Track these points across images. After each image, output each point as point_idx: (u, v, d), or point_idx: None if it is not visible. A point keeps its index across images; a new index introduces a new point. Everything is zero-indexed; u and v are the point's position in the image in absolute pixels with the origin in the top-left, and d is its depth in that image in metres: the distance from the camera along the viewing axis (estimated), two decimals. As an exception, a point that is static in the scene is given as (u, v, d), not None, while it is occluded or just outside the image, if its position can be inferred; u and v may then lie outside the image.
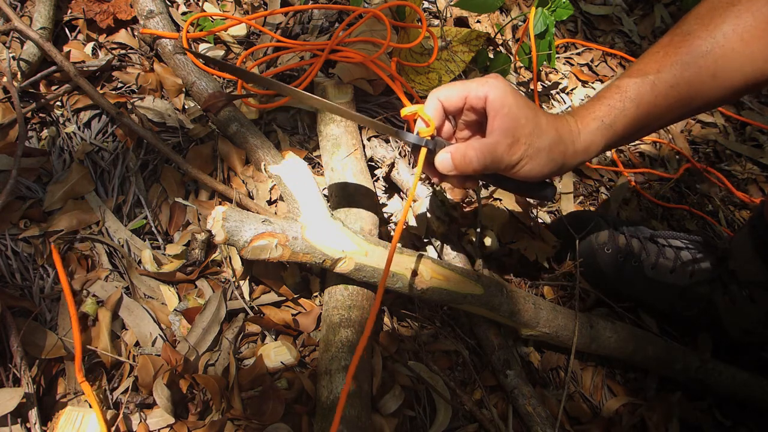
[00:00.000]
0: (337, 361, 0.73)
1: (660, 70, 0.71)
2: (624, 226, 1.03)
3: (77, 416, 0.68)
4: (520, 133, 0.66)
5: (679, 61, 0.71)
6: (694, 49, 0.70)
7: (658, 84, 0.71)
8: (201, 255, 0.83)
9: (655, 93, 0.71)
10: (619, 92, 0.72)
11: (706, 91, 0.72)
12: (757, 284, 0.97)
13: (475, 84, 0.67)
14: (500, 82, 0.67)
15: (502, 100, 0.66)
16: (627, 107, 0.71)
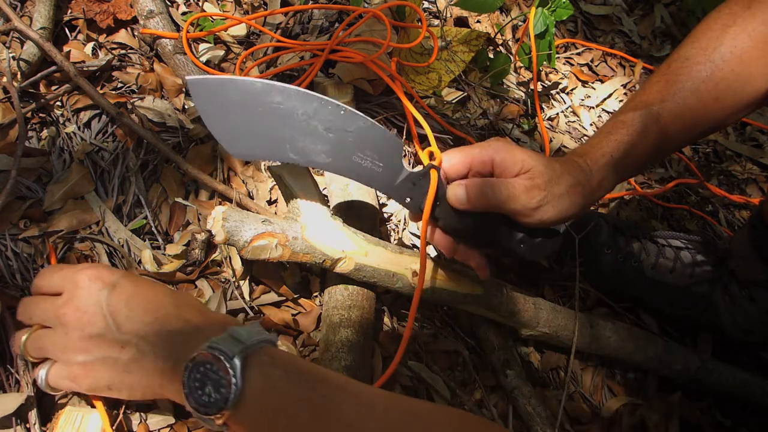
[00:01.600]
0: (337, 361, 0.73)
1: (663, 99, 0.71)
2: (624, 226, 1.03)
3: (77, 416, 0.68)
4: (538, 179, 0.65)
5: (681, 88, 0.71)
6: (695, 75, 0.71)
7: (662, 114, 0.71)
8: (201, 255, 0.83)
9: (660, 124, 0.71)
10: (625, 127, 0.71)
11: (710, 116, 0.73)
12: (756, 284, 0.97)
13: (478, 149, 0.66)
14: (504, 142, 0.67)
15: (513, 157, 0.65)
16: (635, 141, 0.70)
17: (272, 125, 0.63)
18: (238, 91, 0.62)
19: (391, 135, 0.67)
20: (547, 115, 1.28)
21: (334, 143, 0.64)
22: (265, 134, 0.63)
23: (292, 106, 0.63)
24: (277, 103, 0.62)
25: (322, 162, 0.65)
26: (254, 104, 0.62)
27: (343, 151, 0.65)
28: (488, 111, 1.19)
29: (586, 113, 1.34)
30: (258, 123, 0.63)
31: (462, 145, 1.09)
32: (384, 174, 0.66)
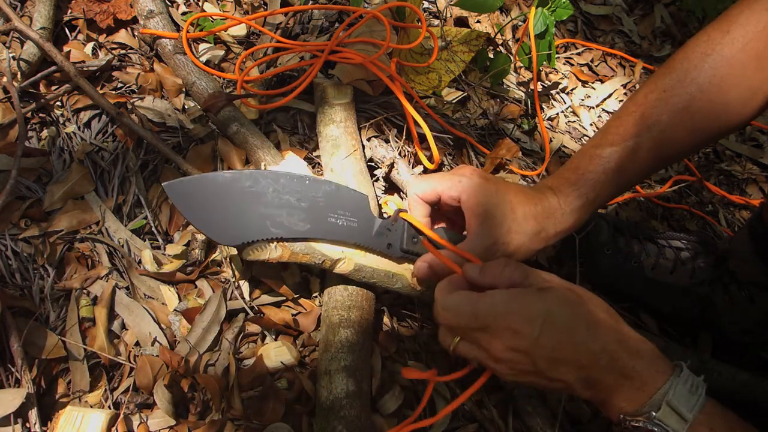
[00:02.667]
0: (336, 362, 0.73)
1: (639, 134, 0.71)
2: (624, 226, 1.03)
3: (77, 416, 0.68)
4: (497, 234, 0.66)
5: (658, 122, 0.71)
6: (671, 107, 0.71)
7: (638, 150, 0.71)
8: (201, 255, 0.83)
9: (636, 159, 0.71)
10: (601, 164, 0.71)
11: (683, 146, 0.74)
12: (756, 285, 0.97)
13: (449, 183, 0.69)
14: (473, 180, 0.67)
15: (477, 200, 0.66)
16: (610, 178, 0.71)
17: (249, 208, 0.68)
18: (211, 185, 0.68)
19: (354, 191, 0.73)
20: (547, 115, 1.28)
21: (307, 210, 0.70)
22: (244, 218, 0.68)
23: (262, 186, 0.69)
24: (247, 187, 0.68)
25: (303, 230, 0.70)
26: (227, 194, 0.68)
27: (318, 216, 0.70)
28: (488, 111, 1.19)
29: (586, 113, 1.34)
30: (235, 209, 0.68)
31: (462, 145, 1.09)
32: (360, 228, 0.72)
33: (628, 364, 0.57)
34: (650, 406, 0.56)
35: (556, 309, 0.58)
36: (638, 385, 0.57)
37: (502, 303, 0.58)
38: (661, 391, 0.56)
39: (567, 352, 0.58)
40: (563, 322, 0.57)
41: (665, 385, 0.56)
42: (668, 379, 0.57)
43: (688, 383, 0.57)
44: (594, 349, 0.57)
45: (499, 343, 0.59)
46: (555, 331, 0.57)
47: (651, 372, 0.57)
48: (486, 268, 0.62)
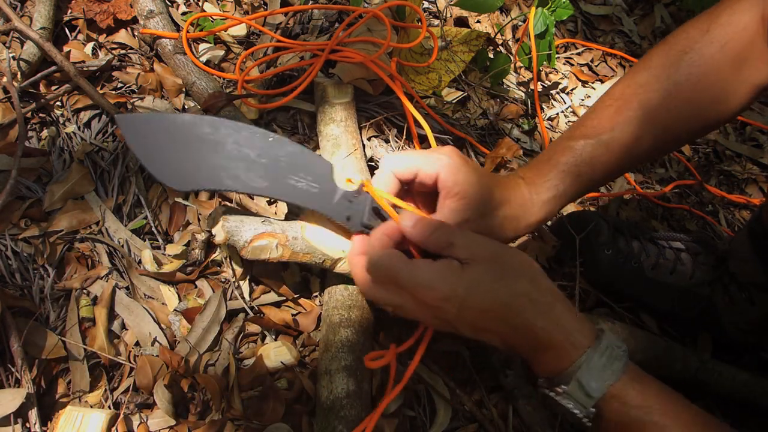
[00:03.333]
0: (337, 361, 0.73)
1: (614, 128, 0.70)
2: (624, 226, 1.03)
3: (77, 416, 0.68)
4: (471, 213, 0.65)
5: (632, 117, 0.70)
6: (646, 103, 0.70)
7: (611, 144, 0.70)
8: (201, 255, 0.83)
9: (609, 154, 0.71)
10: (573, 156, 0.71)
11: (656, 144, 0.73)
12: (756, 286, 0.97)
13: (427, 160, 0.65)
14: (453, 159, 0.65)
15: (454, 179, 0.64)
16: (582, 172, 0.70)
17: (205, 155, 0.65)
18: (167, 126, 0.64)
19: (320, 157, 0.70)
20: (547, 115, 1.28)
21: (267, 168, 0.66)
22: (198, 164, 0.65)
23: (222, 136, 0.65)
24: (206, 134, 0.65)
25: (259, 186, 0.67)
26: (184, 137, 0.64)
27: (277, 175, 0.67)
28: (488, 111, 1.19)
29: (586, 113, 1.34)
30: (190, 154, 0.65)
31: (462, 145, 1.09)
32: (320, 194, 0.68)
33: (545, 338, 0.60)
34: (563, 378, 0.60)
35: (476, 289, 0.60)
36: (554, 357, 0.60)
37: (423, 277, 0.60)
38: (575, 365, 0.59)
39: (487, 323, 0.62)
40: (482, 303, 0.60)
41: (579, 358, 0.59)
42: (583, 353, 0.59)
43: (604, 357, 0.59)
44: (515, 322, 0.61)
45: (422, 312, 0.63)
46: (474, 308, 0.60)
47: (567, 345, 0.60)
48: (419, 222, 0.63)
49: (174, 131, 0.64)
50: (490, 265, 0.62)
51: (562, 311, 0.62)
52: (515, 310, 0.61)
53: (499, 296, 0.60)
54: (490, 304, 0.60)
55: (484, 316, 0.61)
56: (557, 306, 0.62)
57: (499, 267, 0.62)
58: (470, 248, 0.62)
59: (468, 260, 0.61)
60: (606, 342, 0.60)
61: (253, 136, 0.66)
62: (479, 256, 0.62)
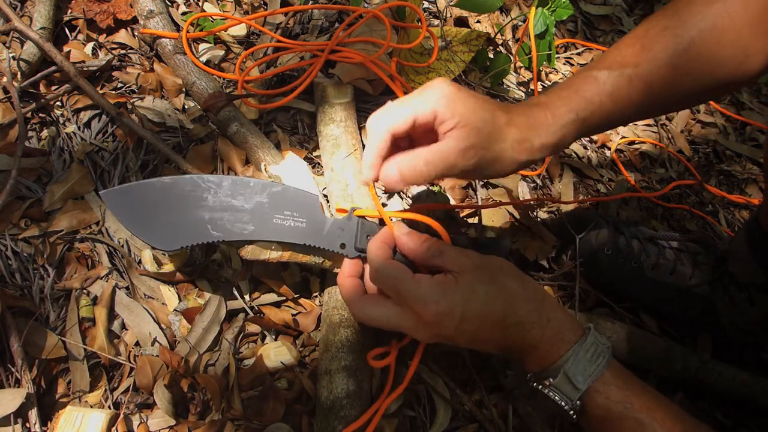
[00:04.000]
0: (337, 361, 0.73)
1: (638, 64, 0.69)
2: (624, 226, 1.03)
3: (77, 416, 0.68)
4: (474, 138, 0.61)
5: (656, 57, 0.69)
6: (671, 46, 0.69)
7: (634, 79, 0.69)
8: (201, 255, 0.83)
9: (631, 88, 0.69)
10: (596, 85, 0.68)
11: (678, 90, 0.71)
12: (756, 287, 0.97)
13: (420, 100, 0.60)
14: (445, 89, 0.61)
15: (452, 110, 0.60)
16: (604, 102, 0.68)
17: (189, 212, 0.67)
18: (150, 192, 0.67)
19: (304, 192, 0.70)
20: (547, 115, 1.28)
21: (252, 212, 0.68)
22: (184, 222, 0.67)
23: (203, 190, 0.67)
24: (188, 192, 0.67)
25: (246, 232, 0.68)
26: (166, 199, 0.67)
27: (262, 217, 0.68)
28: (488, 111, 1.19)
29: (586, 113, 1.34)
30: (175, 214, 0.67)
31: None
32: (309, 228, 0.69)
33: (537, 335, 0.62)
34: (551, 372, 0.62)
35: (473, 297, 0.62)
36: (544, 353, 0.63)
37: (425, 292, 0.62)
38: (562, 359, 0.61)
39: (485, 333, 0.63)
40: (480, 310, 0.62)
41: (567, 353, 0.61)
42: (571, 348, 0.61)
43: (590, 352, 0.61)
44: (509, 323, 0.63)
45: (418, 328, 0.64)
46: (473, 318, 0.62)
47: (556, 341, 0.62)
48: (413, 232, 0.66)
49: (156, 196, 0.67)
50: (480, 272, 0.64)
51: (551, 308, 0.64)
52: (511, 309, 0.63)
53: (494, 299, 0.63)
54: (487, 309, 0.62)
55: (483, 325, 0.63)
56: (546, 303, 0.65)
57: (488, 272, 0.64)
58: (458, 259, 0.64)
59: (458, 271, 0.63)
60: (592, 338, 0.62)
61: (233, 185, 0.68)
62: (467, 266, 0.64)
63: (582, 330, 0.64)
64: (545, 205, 1.11)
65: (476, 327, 0.63)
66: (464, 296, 0.62)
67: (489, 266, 0.65)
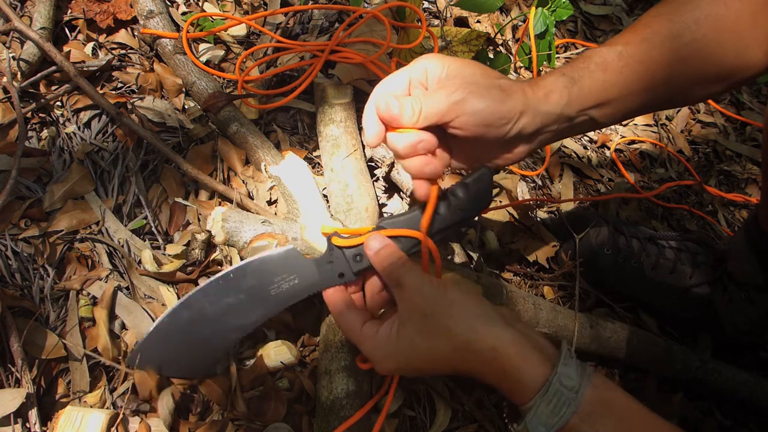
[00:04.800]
0: (337, 361, 0.73)
1: (628, 42, 0.68)
2: (624, 226, 1.03)
3: (77, 416, 0.68)
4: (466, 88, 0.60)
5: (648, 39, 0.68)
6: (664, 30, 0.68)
7: (624, 55, 0.67)
8: (201, 255, 0.83)
9: (622, 63, 0.67)
10: (583, 58, 0.68)
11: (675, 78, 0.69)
12: (755, 287, 0.97)
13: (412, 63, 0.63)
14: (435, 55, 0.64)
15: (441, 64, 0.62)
16: (592, 69, 0.66)
17: (202, 335, 0.70)
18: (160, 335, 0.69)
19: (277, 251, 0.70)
20: (547, 115, 1.28)
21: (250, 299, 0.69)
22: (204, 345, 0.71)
23: (197, 309, 0.68)
24: (185, 318, 0.69)
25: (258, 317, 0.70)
26: (176, 334, 0.69)
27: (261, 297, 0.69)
28: (488, 111, 1.19)
29: (586, 113, 1.34)
30: (190, 344, 0.70)
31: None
32: (304, 281, 0.69)
33: (493, 381, 0.61)
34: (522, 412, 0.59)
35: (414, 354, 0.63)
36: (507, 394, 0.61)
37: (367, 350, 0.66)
38: (525, 408, 0.58)
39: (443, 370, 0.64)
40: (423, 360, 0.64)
41: (528, 403, 0.58)
42: (531, 398, 0.58)
43: (552, 403, 0.57)
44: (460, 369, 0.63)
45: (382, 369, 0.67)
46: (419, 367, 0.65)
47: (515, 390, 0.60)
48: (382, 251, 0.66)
49: (167, 335, 0.69)
50: (425, 323, 0.62)
51: (507, 356, 0.60)
52: (457, 362, 0.62)
53: (437, 356, 0.63)
54: (431, 364, 0.64)
55: (433, 368, 0.64)
56: (501, 351, 0.60)
57: (434, 323, 0.62)
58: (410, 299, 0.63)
59: (404, 320, 0.64)
60: (555, 387, 0.58)
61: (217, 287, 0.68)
62: (415, 314, 0.63)
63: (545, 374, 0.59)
64: (545, 205, 1.11)
65: (431, 368, 0.65)
66: (406, 354, 0.63)
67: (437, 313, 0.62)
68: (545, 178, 1.16)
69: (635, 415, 0.58)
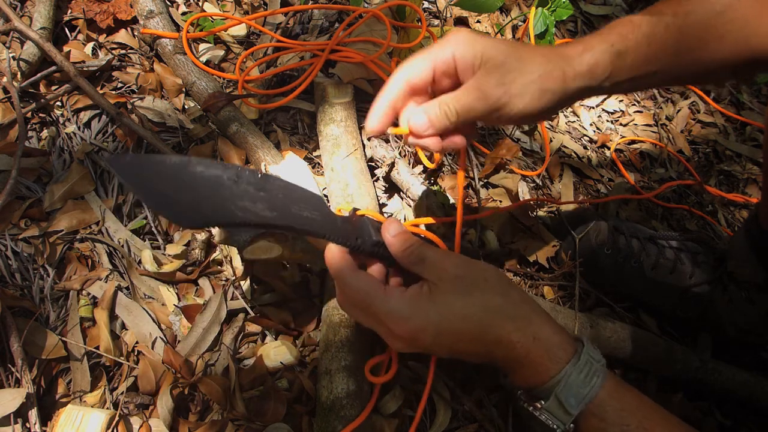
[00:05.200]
0: (337, 361, 0.73)
1: (675, 14, 0.66)
2: (624, 226, 1.03)
3: (77, 415, 0.68)
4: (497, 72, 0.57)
5: (693, 11, 0.66)
6: (709, 6, 0.66)
7: (671, 27, 0.65)
8: (201, 255, 0.83)
9: (667, 35, 0.65)
10: (632, 26, 0.64)
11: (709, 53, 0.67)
12: (755, 286, 0.97)
13: (437, 47, 0.58)
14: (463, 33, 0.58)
15: (473, 50, 0.57)
16: (639, 41, 0.64)
17: (207, 192, 0.63)
18: (159, 167, 0.62)
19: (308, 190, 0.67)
20: (547, 115, 1.28)
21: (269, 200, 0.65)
22: (204, 200, 0.63)
23: (215, 173, 0.63)
24: (200, 172, 0.63)
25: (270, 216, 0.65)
26: (179, 177, 0.62)
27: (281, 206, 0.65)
28: (488, 111, 1.19)
29: (586, 113, 1.34)
30: (192, 193, 0.63)
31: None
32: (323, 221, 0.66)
33: (521, 352, 0.58)
34: (541, 392, 0.58)
35: (448, 312, 0.58)
36: (532, 371, 0.58)
37: (396, 307, 0.59)
38: (553, 381, 0.57)
39: (464, 347, 0.60)
40: (456, 326, 0.59)
41: (558, 374, 0.57)
42: (562, 369, 0.57)
43: (583, 373, 0.57)
44: (489, 339, 0.59)
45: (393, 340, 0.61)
46: (448, 332, 0.59)
47: (545, 360, 0.58)
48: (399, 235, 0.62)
49: (168, 171, 0.62)
50: (458, 282, 0.60)
51: (540, 324, 0.60)
52: (489, 326, 0.59)
53: (471, 315, 0.59)
54: (464, 325, 0.59)
55: (460, 340, 0.59)
56: (534, 318, 0.60)
57: (468, 284, 0.60)
58: (438, 267, 0.61)
59: (436, 281, 0.60)
60: (585, 357, 0.58)
61: (244, 173, 0.65)
62: (446, 276, 0.60)
63: (574, 347, 0.59)
64: (545, 205, 1.11)
65: (454, 341, 0.59)
66: (438, 311, 0.58)
67: (470, 276, 0.61)
68: (545, 178, 1.16)
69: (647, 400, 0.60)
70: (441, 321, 0.58)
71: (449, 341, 0.59)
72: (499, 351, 0.59)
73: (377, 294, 0.59)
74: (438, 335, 0.59)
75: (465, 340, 0.59)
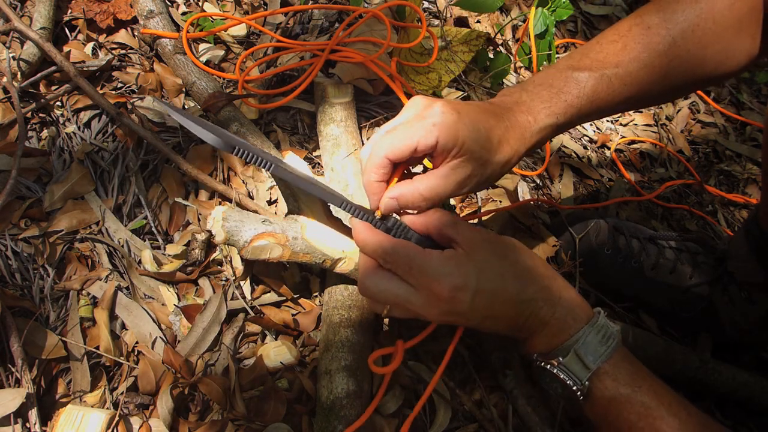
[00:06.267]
0: (337, 361, 0.73)
1: (618, 65, 0.69)
2: (624, 226, 1.03)
3: (77, 415, 0.68)
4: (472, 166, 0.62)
5: (637, 58, 0.69)
6: (653, 47, 0.69)
7: (614, 81, 0.69)
8: (201, 255, 0.83)
9: (609, 90, 0.69)
10: (577, 87, 0.68)
11: (654, 91, 0.72)
12: (755, 286, 0.97)
13: (423, 132, 0.59)
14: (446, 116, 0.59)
15: (454, 139, 0.59)
16: (583, 105, 0.68)
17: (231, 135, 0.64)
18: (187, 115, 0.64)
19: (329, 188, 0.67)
20: (547, 115, 1.28)
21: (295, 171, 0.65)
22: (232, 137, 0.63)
23: None
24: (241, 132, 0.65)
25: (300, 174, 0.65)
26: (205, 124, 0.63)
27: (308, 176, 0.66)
28: (488, 111, 1.19)
29: (586, 113, 1.34)
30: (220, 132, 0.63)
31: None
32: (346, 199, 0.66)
33: (548, 312, 0.62)
34: (560, 351, 0.62)
35: (487, 270, 0.61)
36: (554, 331, 0.62)
37: (437, 266, 0.59)
38: (573, 339, 0.61)
39: (498, 309, 0.62)
40: (494, 284, 0.61)
41: (578, 333, 0.61)
42: (582, 328, 0.61)
43: (600, 333, 0.61)
44: (522, 299, 0.62)
45: (429, 305, 0.61)
46: (487, 291, 0.61)
47: (567, 319, 0.62)
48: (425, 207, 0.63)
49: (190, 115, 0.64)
50: (492, 246, 0.63)
51: (564, 285, 0.65)
52: (523, 285, 0.62)
53: (507, 274, 0.62)
54: (501, 283, 0.61)
55: (496, 300, 0.61)
56: (558, 280, 0.65)
57: (500, 247, 0.64)
58: (469, 233, 0.63)
59: (469, 246, 0.61)
60: (603, 320, 0.63)
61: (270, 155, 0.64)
62: (478, 241, 0.62)
63: (592, 311, 0.64)
64: (545, 205, 1.11)
65: (490, 302, 0.61)
66: (478, 269, 0.60)
67: (500, 242, 0.65)
68: (545, 178, 1.16)
69: None
70: (480, 279, 0.60)
71: (485, 302, 0.61)
72: (528, 311, 0.62)
73: (418, 253, 0.60)
74: (476, 294, 0.60)
75: (500, 301, 0.62)
